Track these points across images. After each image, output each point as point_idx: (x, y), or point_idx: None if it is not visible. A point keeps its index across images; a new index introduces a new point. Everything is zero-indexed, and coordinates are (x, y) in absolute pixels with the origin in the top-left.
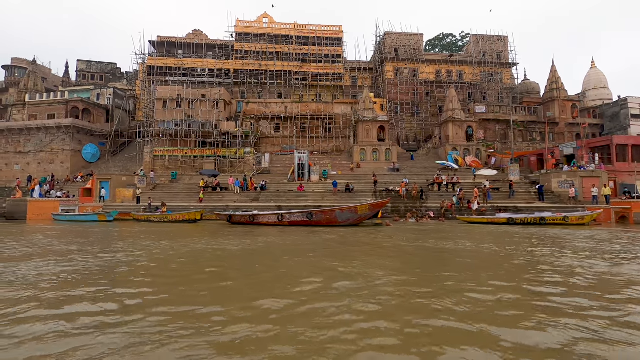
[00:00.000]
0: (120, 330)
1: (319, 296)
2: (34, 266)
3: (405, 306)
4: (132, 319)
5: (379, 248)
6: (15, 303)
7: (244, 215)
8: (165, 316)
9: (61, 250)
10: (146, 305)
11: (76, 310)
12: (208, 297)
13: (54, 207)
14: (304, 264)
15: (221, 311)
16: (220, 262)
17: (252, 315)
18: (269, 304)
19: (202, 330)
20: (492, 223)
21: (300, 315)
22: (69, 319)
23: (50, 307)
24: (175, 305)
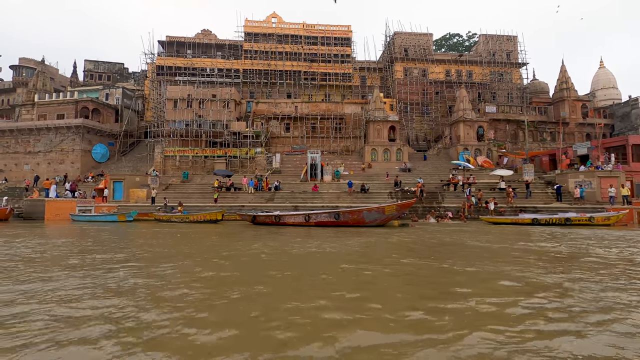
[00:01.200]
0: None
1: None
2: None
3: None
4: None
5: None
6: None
7: (269, 215)
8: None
9: (169, 254)
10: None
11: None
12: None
13: (71, 207)
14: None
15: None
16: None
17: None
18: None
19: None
20: (516, 223)
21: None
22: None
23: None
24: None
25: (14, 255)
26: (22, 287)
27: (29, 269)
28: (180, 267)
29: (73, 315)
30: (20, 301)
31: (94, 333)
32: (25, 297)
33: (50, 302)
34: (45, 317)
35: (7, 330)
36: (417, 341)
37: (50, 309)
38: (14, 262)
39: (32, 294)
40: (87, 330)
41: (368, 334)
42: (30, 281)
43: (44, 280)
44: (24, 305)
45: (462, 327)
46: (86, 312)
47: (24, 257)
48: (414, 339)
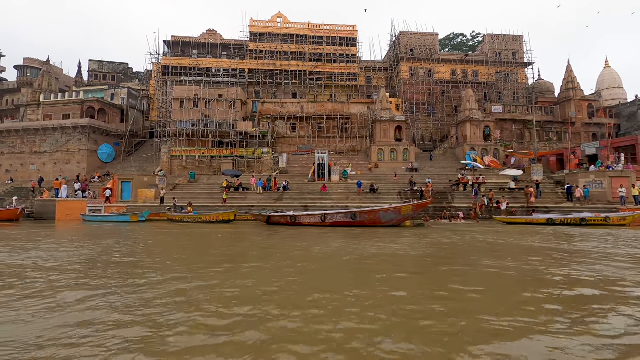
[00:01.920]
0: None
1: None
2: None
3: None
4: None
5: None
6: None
7: (284, 215)
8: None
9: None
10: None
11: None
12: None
13: (82, 207)
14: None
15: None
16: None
17: None
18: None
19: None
20: (531, 223)
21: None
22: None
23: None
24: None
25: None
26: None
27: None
28: (278, 281)
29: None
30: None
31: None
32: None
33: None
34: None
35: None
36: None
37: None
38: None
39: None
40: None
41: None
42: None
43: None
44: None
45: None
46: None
47: (89, 261)
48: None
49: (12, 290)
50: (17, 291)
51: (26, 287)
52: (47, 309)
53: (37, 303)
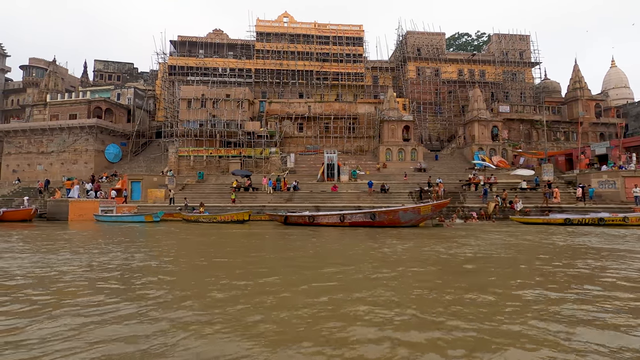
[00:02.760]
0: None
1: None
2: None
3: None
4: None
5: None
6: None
7: (302, 216)
8: None
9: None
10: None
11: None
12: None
13: (94, 207)
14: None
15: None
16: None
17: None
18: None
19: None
20: (548, 223)
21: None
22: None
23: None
24: None
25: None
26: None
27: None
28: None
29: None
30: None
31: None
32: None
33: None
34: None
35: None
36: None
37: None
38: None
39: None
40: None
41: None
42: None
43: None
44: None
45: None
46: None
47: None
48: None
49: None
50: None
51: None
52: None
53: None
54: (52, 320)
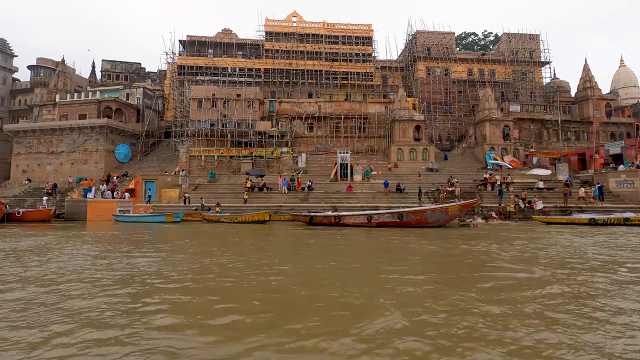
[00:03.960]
0: None
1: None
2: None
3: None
4: None
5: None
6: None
7: (328, 216)
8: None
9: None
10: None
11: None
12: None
13: (112, 208)
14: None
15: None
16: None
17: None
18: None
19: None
20: (572, 223)
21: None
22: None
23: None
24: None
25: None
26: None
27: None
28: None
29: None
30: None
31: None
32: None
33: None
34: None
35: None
36: None
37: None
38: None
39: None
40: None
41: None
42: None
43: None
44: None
45: None
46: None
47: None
48: None
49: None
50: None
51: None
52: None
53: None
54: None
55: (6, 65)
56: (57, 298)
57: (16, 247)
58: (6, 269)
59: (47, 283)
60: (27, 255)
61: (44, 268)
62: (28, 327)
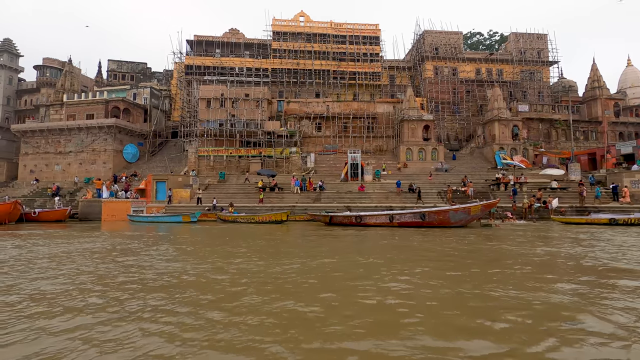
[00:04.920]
0: None
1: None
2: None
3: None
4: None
5: None
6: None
7: (348, 216)
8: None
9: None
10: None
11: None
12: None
13: (127, 208)
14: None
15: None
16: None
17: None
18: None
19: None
20: (592, 223)
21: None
22: None
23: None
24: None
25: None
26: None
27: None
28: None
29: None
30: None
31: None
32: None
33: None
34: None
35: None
36: None
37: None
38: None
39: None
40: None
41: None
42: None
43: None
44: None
45: None
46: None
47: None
48: None
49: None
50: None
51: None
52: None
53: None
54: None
55: (12, 65)
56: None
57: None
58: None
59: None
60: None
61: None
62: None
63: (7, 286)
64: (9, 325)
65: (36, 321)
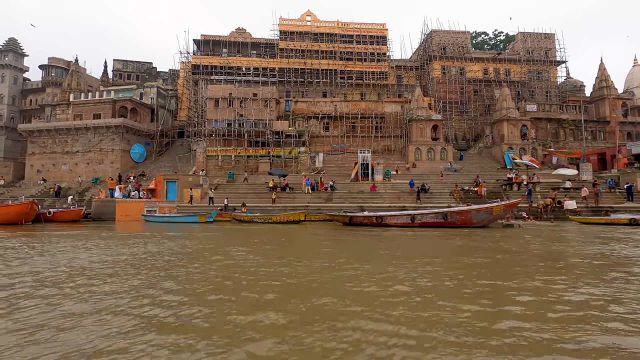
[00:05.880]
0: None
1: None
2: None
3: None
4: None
5: None
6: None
7: (369, 216)
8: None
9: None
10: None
11: None
12: None
13: (140, 208)
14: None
15: None
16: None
17: None
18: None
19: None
20: (612, 224)
21: None
22: None
23: None
24: None
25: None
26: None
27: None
28: None
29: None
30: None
31: None
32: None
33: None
34: None
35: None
36: None
37: None
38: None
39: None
40: None
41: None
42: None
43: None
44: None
45: None
46: None
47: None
48: None
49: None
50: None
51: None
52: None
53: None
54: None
55: (17, 64)
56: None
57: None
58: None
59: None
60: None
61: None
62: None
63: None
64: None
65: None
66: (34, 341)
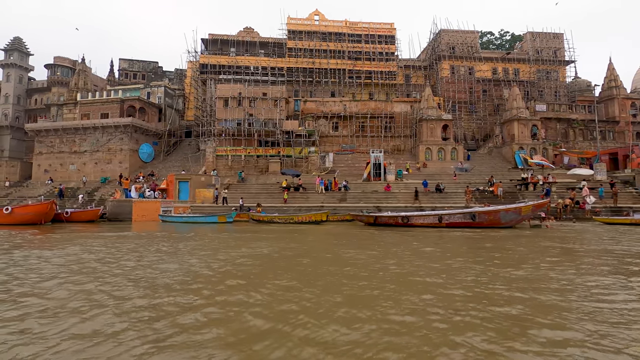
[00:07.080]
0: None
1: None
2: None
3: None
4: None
5: None
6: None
7: (394, 216)
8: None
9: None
10: None
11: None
12: None
13: (157, 208)
14: None
15: None
16: None
17: None
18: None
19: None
20: (636, 224)
21: None
22: None
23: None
24: None
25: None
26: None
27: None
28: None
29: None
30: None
31: None
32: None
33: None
34: None
35: None
36: None
37: None
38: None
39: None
40: None
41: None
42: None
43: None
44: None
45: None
46: None
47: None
48: None
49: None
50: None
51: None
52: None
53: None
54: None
55: (22, 64)
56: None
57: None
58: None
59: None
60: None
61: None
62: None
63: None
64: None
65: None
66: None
